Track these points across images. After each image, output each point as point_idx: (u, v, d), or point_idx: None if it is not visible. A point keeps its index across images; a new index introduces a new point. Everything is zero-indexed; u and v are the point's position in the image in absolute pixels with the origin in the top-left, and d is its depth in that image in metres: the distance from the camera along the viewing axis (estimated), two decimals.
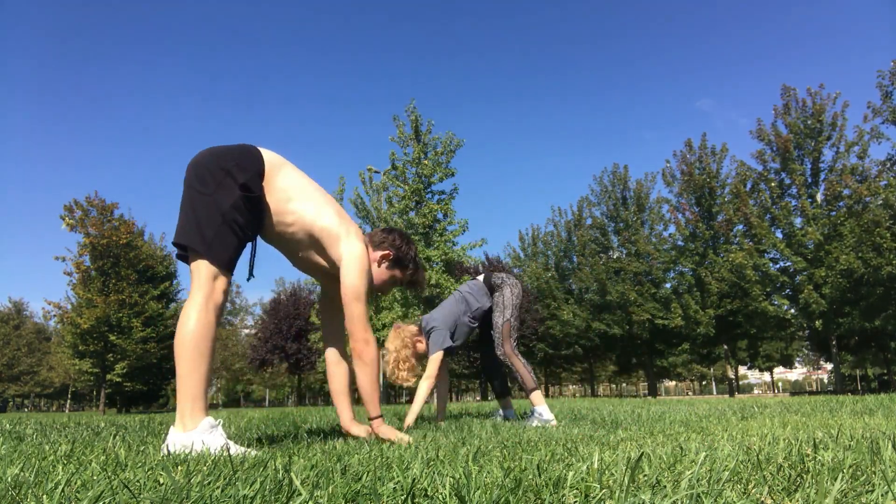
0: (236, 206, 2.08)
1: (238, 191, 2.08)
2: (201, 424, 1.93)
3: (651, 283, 29.52)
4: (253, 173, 2.14)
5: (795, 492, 1.04)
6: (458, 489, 1.01)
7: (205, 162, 2.14)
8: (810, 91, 24.19)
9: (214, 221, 2.06)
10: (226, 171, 2.10)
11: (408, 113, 21.74)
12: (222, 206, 2.06)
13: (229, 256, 2.11)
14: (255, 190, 2.13)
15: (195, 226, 2.06)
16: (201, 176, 2.10)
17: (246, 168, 2.13)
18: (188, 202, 2.11)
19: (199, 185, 2.09)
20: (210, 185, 2.08)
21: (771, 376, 61.93)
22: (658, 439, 2.10)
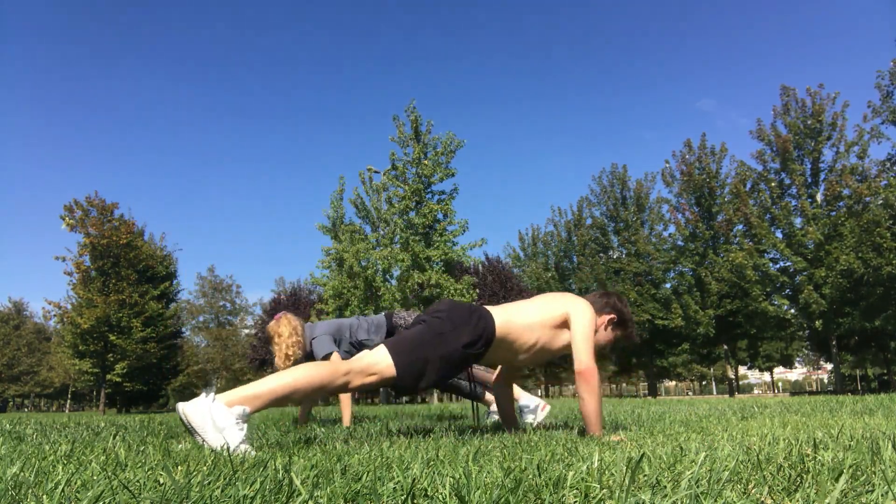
0: (447, 357, 2.27)
1: (460, 347, 2.29)
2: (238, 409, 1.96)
3: (651, 284, 29.53)
4: (480, 337, 2.34)
5: (795, 492, 1.04)
6: (458, 489, 1.01)
7: (451, 308, 2.39)
8: (810, 91, 24.21)
9: (421, 354, 2.24)
10: (457, 326, 2.31)
11: (407, 113, 21.75)
12: (436, 350, 2.26)
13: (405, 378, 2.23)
14: (477, 349, 2.34)
15: (409, 343, 2.26)
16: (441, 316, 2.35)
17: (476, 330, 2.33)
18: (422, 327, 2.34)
19: (435, 322, 2.33)
20: (442, 328, 2.30)
21: (771, 376, 61.95)
22: (658, 439, 2.10)
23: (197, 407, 1.94)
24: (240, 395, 2.00)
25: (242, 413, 1.96)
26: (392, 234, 21.83)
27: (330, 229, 25.40)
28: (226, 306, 56.67)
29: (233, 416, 1.94)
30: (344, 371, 2.13)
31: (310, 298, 36.92)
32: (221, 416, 1.92)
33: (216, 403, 1.95)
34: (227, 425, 1.92)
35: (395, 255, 21.03)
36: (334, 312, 23.42)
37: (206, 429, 1.91)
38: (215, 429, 1.90)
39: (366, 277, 21.99)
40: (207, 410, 1.93)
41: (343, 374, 2.13)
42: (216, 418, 1.91)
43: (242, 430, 1.95)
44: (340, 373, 2.12)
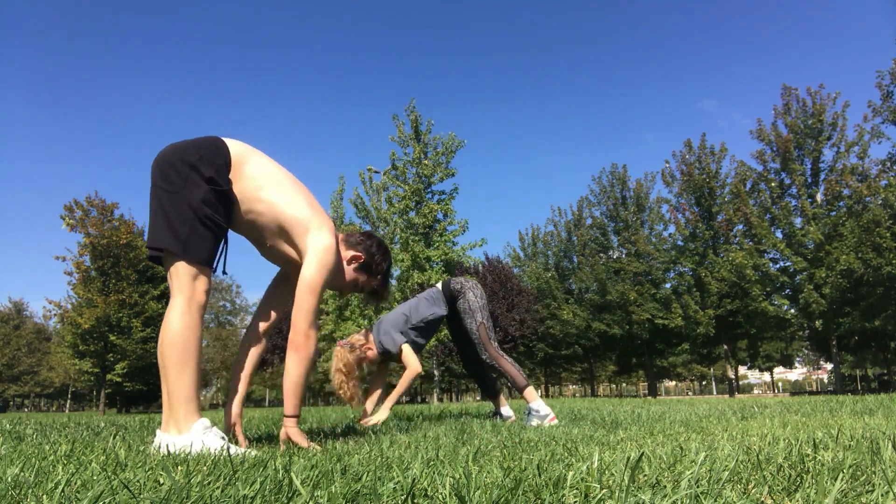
0: (206, 200, 2.02)
1: (206, 185, 2.02)
2: (195, 426, 1.91)
3: (651, 283, 29.52)
4: (219, 165, 2.07)
5: (795, 492, 1.04)
6: (458, 489, 1.01)
7: (169, 159, 2.07)
8: (811, 91, 24.21)
9: (186, 219, 1.99)
10: (191, 166, 2.03)
11: (407, 112, 21.76)
12: (192, 202, 2.00)
13: (207, 253, 2.04)
14: (223, 183, 2.07)
15: (167, 226, 2.00)
16: (166, 174, 2.04)
17: (211, 161, 2.06)
18: (157, 202, 2.05)
19: (165, 184, 2.03)
20: (177, 182, 2.02)
21: (771, 376, 61.94)
22: (658, 439, 2.10)
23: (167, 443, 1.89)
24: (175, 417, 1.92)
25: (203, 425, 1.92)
26: (392, 234, 21.84)
27: None
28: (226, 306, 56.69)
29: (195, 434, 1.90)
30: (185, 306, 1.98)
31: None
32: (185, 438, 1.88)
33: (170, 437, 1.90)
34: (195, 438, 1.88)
35: (395, 255, 21.05)
36: (335, 312, 23.44)
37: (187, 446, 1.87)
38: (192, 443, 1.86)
39: None
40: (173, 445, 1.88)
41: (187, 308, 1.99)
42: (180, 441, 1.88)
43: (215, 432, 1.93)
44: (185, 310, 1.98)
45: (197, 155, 2.06)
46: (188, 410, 1.93)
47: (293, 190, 2.22)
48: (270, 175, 2.19)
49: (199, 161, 2.04)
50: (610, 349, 33.96)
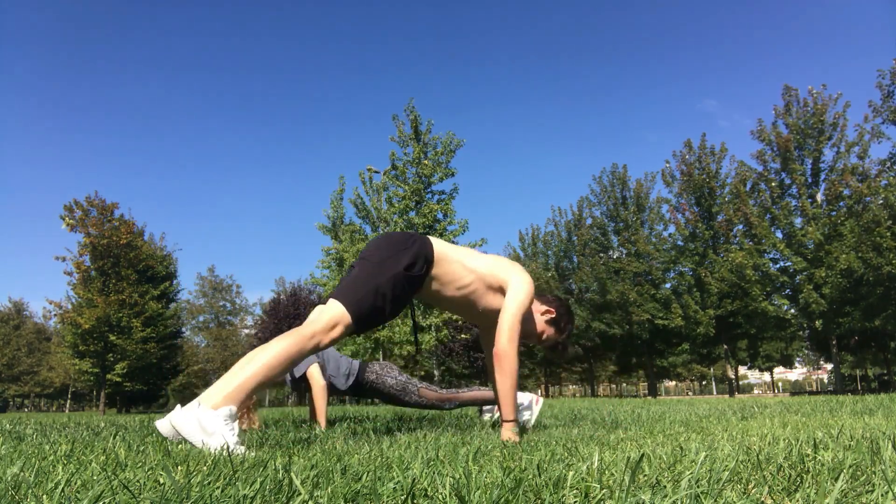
0: (394, 279, 2.30)
1: (402, 270, 2.32)
2: (225, 410, 1.96)
3: (651, 284, 29.53)
4: (419, 257, 2.38)
5: (795, 492, 1.04)
6: (458, 489, 1.01)
7: (379, 241, 2.43)
8: (812, 91, 24.21)
9: (369, 286, 2.27)
10: (395, 251, 2.36)
11: (407, 112, 21.76)
12: (380, 277, 2.29)
13: (362, 316, 2.26)
14: (417, 271, 2.36)
15: (351, 284, 2.30)
16: (371, 250, 2.40)
17: (413, 252, 2.38)
18: (357, 269, 2.37)
19: (369, 256, 2.37)
20: (377, 257, 2.35)
21: (771, 376, 61.96)
22: (658, 439, 2.10)
23: (184, 416, 1.93)
24: (222, 394, 1.99)
25: (230, 413, 1.96)
26: None
27: (330, 229, 25.40)
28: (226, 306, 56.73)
29: (221, 418, 1.93)
30: (309, 335, 2.16)
31: (310, 298, 36.92)
32: (209, 420, 1.91)
33: (202, 409, 1.94)
34: (217, 429, 1.91)
35: None
36: None
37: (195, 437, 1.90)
38: (206, 434, 1.90)
39: None
40: (195, 417, 1.92)
41: (309, 337, 2.16)
42: (204, 424, 1.91)
43: (234, 431, 1.95)
44: (307, 337, 2.15)
45: (404, 246, 2.40)
46: (234, 397, 2.00)
47: (488, 256, 2.60)
48: (470, 253, 2.58)
49: (403, 249, 2.38)
50: (610, 349, 33.98)
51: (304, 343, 2.14)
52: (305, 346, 2.15)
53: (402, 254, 2.36)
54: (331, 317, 2.22)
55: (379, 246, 2.42)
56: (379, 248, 2.40)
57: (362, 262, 2.39)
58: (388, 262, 2.33)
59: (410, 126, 21.64)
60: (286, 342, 2.12)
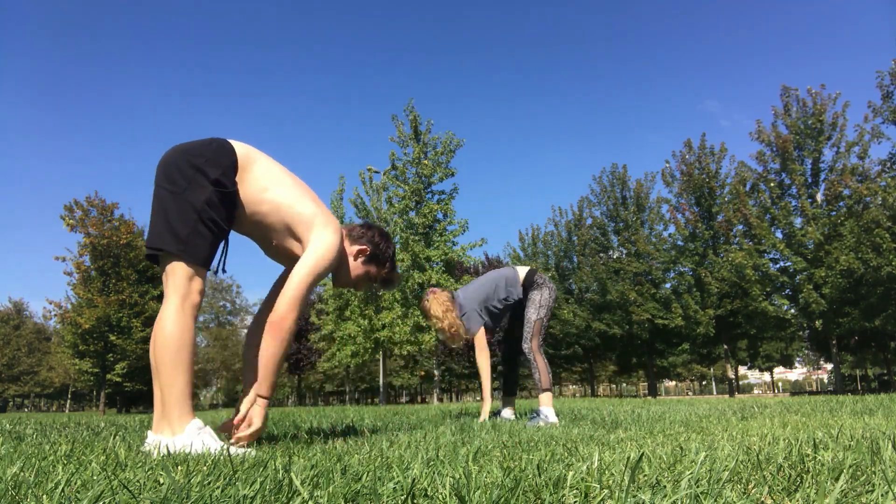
0: (210, 202, 2.03)
1: (210, 186, 2.03)
2: (189, 427, 1.92)
3: (651, 283, 29.52)
4: (226, 167, 2.09)
5: (795, 492, 1.04)
6: (458, 489, 1.01)
7: (174, 160, 2.08)
8: (811, 91, 24.19)
9: (188, 220, 2.00)
10: (196, 168, 2.04)
11: (406, 112, 21.77)
12: (195, 203, 2.01)
13: (205, 254, 2.05)
14: (229, 185, 2.08)
15: (168, 227, 2.01)
16: (171, 175, 2.05)
17: (218, 163, 2.07)
18: (159, 203, 2.06)
19: (169, 185, 2.04)
20: (181, 183, 2.03)
21: (771, 376, 61.95)
22: (658, 439, 2.10)
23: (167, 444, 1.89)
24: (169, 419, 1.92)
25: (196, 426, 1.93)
26: (392, 234, 21.85)
27: None
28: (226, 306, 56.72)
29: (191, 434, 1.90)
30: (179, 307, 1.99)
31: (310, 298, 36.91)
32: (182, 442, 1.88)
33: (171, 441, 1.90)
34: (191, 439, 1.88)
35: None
36: (334, 312, 23.44)
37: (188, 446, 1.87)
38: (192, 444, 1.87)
39: None
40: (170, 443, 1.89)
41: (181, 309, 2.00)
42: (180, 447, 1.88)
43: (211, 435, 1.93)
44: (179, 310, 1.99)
45: (203, 157, 2.07)
46: (182, 412, 1.93)
47: (298, 190, 2.25)
48: (276, 176, 2.22)
49: (204, 163, 2.06)
50: (610, 349, 33.96)
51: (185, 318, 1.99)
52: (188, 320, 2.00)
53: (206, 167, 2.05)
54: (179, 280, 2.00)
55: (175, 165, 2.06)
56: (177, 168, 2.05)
57: (160, 191, 2.06)
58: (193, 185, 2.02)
59: (410, 126, 21.65)
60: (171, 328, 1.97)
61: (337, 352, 23.34)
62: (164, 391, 1.95)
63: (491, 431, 2.66)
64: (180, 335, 1.97)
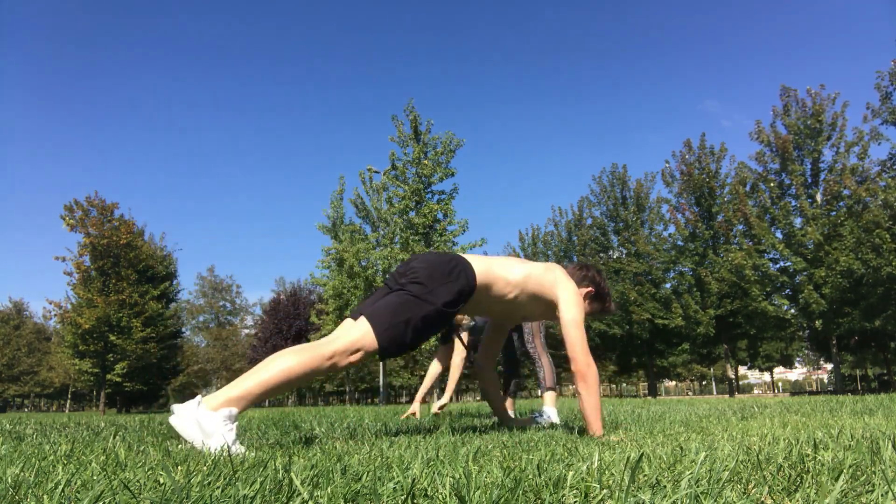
0: (427, 317, 2.25)
1: (440, 306, 2.26)
2: (225, 411, 1.94)
3: (651, 283, 29.53)
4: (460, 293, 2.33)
5: (795, 492, 1.04)
6: (458, 489, 1.01)
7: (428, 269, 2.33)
8: (810, 91, 24.20)
9: (400, 318, 2.20)
10: (436, 283, 2.28)
11: (406, 113, 21.76)
12: (415, 312, 2.23)
13: (387, 345, 2.20)
14: (452, 308, 2.32)
15: (386, 310, 2.22)
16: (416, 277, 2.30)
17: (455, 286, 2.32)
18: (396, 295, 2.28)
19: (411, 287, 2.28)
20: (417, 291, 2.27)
21: (771, 376, 61.97)
22: (658, 439, 2.10)
23: (183, 414, 1.93)
24: (225, 396, 1.97)
25: (229, 415, 1.94)
26: (392, 234, 21.85)
27: (330, 229, 25.41)
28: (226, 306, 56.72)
29: (220, 418, 1.92)
30: (328, 355, 2.10)
31: (310, 298, 36.91)
32: (208, 421, 1.90)
33: (201, 409, 1.93)
34: (215, 430, 1.90)
35: (395, 254, 21.04)
36: (334, 312, 23.43)
37: (194, 436, 1.89)
38: (205, 435, 1.88)
39: (366, 277, 21.99)
40: (193, 417, 1.91)
41: (328, 357, 2.10)
42: (203, 424, 1.89)
43: (232, 431, 1.93)
44: (325, 357, 2.10)
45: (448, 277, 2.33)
46: (236, 401, 1.98)
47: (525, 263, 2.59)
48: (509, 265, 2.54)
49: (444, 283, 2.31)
50: (610, 349, 33.96)
51: (321, 363, 2.09)
52: (322, 365, 2.09)
53: (444, 288, 2.29)
54: (355, 339, 2.16)
55: (424, 272, 2.32)
56: (423, 276, 2.31)
57: (403, 289, 2.29)
58: (429, 296, 2.26)
59: (410, 126, 21.65)
60: (303, 358, 2.07)
61: None
62: (241, 380, 2.02)
63: (491, 431, 2.66)
64: (297, 370, 2.06)
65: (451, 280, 2.31)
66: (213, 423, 1.91)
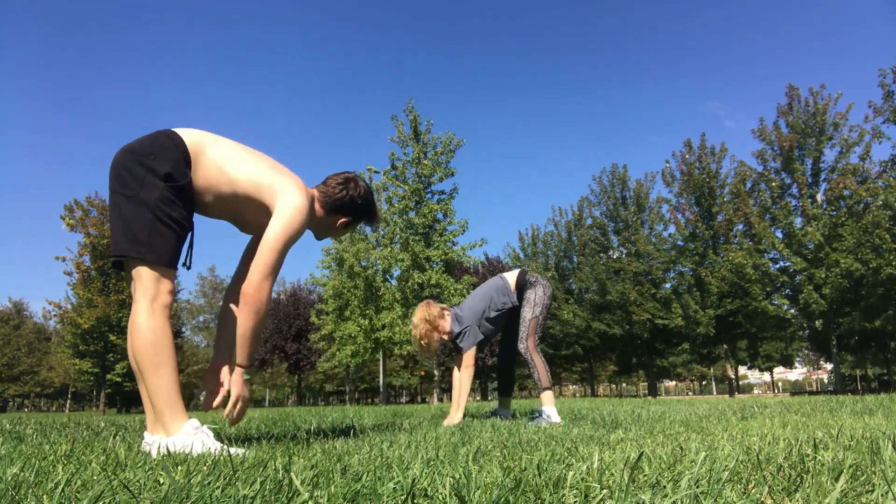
0: (164, 199, 1.99)
1: (162, 183, 1.99)
2: (185, 427, 1.91)
3: (651, 283, 29.52)
4: (175, 160, 2.03)
5: (795, 492, 1.04)
6: (458, 489, 1.01)
7: (123, 161, 2.04)
8: (812, 91, 24.19)
9: (145, 221, 1.97)
10: (145, 167, 2.00)
11: (406, 113, 21.76)
12: (149, 202, 1.97)
13: (169, 254, 2.02)
14: (181, 178, 2.04)
15: (126, 231, 1.97)
16: (121, 177, 2.02)
17: (166, 157, 2.02)
18: (115, 208, 2.02)
19: (121, 188, 2.01)
20: (132, 184, 1.99)
21: (771, 376, 61.97)
22: (658, 439, 2.10)
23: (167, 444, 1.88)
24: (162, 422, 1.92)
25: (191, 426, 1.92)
26: (392, 234, 21.84)
27: None
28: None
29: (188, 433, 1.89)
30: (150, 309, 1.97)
31: (310, 298, 36.91)
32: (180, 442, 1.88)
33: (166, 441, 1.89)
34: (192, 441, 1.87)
35: (395, 255, 21.05)
36: (334, 312, 23.43)
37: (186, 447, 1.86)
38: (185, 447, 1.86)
39: (366, 277, 22.01)
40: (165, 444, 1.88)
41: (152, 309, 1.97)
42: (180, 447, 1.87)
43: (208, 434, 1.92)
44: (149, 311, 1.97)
45: (151, 154, 2.03)
46: (174, 412, 1.92)
47: (255, 162, 2.21)
48: (230, 156, 2.18)
49: (153, 160, 2.01)
50: (610, 349, 33.96)
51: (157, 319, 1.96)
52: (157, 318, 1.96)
53: (155, 164, 2.00)
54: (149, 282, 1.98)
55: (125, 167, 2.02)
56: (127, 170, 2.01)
57: (115, 196, 2.03)
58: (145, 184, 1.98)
59: (410, 126, 21.64)
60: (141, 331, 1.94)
61: (337, 352, 23.34)
62: (150, 394, 1.92)
63: (491, 431, 2.66)
64: (155, 337, 1.94)
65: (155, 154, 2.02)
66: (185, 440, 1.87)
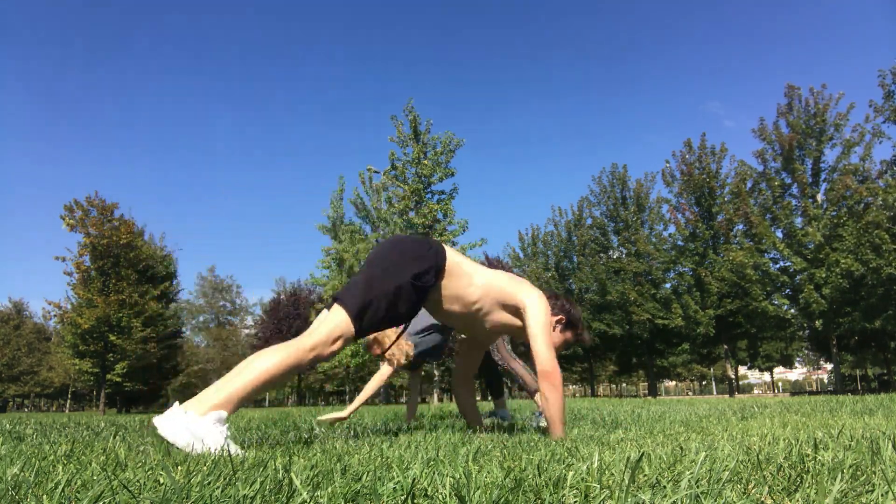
0: (401, 288, 2.23)
1: (410, 279, 2.25)
2: (213, 414, 1.91)
3: (651, 283, 29.53)
4: (433, 269, 2.32)
5: (795, 492, 1.04)
6: (458, 489, 1.01)
7: (393, 246, 2.34)
8: (813, 91, 24.19)
9: (374, 293, 2.20)
10: (411, 258, 2.29)
11: (406, 113, 21.75)
12: (388, 286, 2.22)
13: (367, 327, 2.20)
14: (427, 282, 2.30)
15: (360, 290, 2.20)
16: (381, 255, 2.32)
17: (429, 264, 2.31)
18: (365, 272, 2.29)
19: (377, 263, 2.29)
20: (389, 268, 2.26)
21: (771, 376, 61.97)
22: (658, 439, 2.10)
23: (170, 423, 1.88)
24: (211, 402, 1.93)
25: (219, 418, 1.92)
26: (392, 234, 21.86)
27: (330, 229, 25.41)
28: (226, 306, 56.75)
29: (209, 422, 1.89)
30: (309, 347, 2.08)
31: (310, 298, 36.90)
32: (198, 426, 1.87)
33: (189, 415, 1.89)
34: (207, 434, 1.87)
35: None
36: None
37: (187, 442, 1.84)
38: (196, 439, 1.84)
39: None
40: (182, 424, 1.87)
41: (309, 349, 2.08)
42: (193, 430, 1.86)
43: (223, 433, 1.91)
44: (306, 349, 2.08)
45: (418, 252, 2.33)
46: (222, 405, 1.95)
47: (498, 272, 2.56)
48: (478, 267, 2.52)
49: (416, 259, 2.31)
50: (610, 349, 33.96)
51: (304, 356, 2.07)
52: (304, 358, 2.07)
53: (413, 262, 2.28)
54: (332, 328, 2.14)
55: (389, 250, 2.33)
56: (389, 253, 2.32)
57: (369, 266, 2.30)
58: (396, 268, 2.25)
59: (410, 126, 21.64)
60: (284, 354, 2.04)
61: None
62: (223, 384, 1.98)
63: (491, 431, 2.66)
64: (278, 369, 2.03)
65: (420, 255, 2.31)
66: (203, 427, 1.87)
